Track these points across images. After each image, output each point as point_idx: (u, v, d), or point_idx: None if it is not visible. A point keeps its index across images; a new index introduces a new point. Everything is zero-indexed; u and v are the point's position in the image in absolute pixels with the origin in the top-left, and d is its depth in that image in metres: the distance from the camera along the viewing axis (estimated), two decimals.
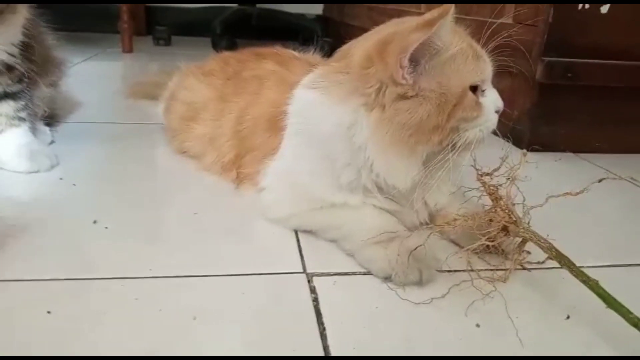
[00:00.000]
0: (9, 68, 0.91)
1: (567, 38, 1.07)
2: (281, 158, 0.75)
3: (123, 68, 2.13)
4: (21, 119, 0.94)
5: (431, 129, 0.61)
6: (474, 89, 0.64)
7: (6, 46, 0.89)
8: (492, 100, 0.67)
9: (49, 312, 0.53)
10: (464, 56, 0.64)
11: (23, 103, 0.95)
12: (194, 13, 2.65)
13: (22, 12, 0.90)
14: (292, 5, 2.63)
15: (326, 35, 2.34)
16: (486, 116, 0.65)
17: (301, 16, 2.58)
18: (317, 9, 2.88)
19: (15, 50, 0.91)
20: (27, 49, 0.94)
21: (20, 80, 0.94)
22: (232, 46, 2.22)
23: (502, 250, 0.64)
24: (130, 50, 2.29)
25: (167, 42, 2.55)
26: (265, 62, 0.91)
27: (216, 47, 2.26)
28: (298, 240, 0.71)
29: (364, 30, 0.76)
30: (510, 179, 0.61)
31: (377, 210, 0.69)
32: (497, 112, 0.67)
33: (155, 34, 2.55)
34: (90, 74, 1.81)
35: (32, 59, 0.97)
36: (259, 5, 2.56)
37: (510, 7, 1.19)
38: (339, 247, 0.69)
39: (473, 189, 0.66)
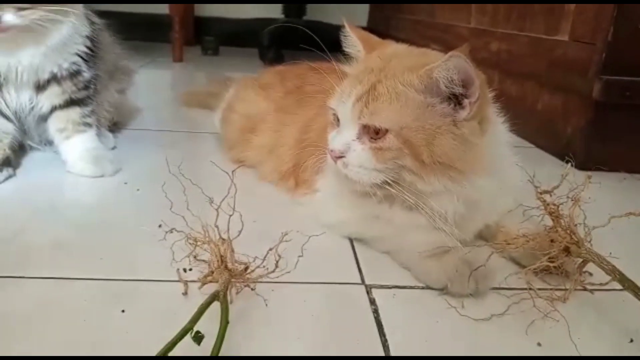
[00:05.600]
0: (73, 75, 0.96)
1: (626, 57, 1.06)
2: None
3: (174, 77, 2.21)
4: (87, 125, 0.99)
5: None
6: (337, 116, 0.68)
7: (67, 55, 0.94)
8: (331, 136, 0.68)
9: (123, 310, 0.56)
10: (347, 79, 0.69)
11: (89, 109, 1.00)
12: (241, 24, 2.72)
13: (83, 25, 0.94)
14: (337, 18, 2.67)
15: None
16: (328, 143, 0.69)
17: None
18: (361, 21, 2.91)
19: (79, 59, 0.96)
20: (94, 57, 1.00)
21: (86, 87, 0.99)
22: (278, 57, 2.27)
23: (564, 270, 0.63)
24: (180, 60, 2.37)
25: (215, 52, 2.62)
26: (328, 76, 0.93)
27: (263, 58, 2.31)
28: (354, 251, 0.73)
29: (410, 43, 0.79)
30: (574, 200, 0.60)
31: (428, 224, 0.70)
32: (329, 150, 0.67)
33: (204, 44, 2.63)
34: (144, 82, 1.88)
35: (99, 67, 1.02)
36: (305, 18, 2.61)
37: (566, 24, 1.18)
38: (394, 259, 0.70)
39: (533, 207, 0.65)
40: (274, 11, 2.68)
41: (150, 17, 2.76)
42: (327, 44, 0.84)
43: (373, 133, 0.63)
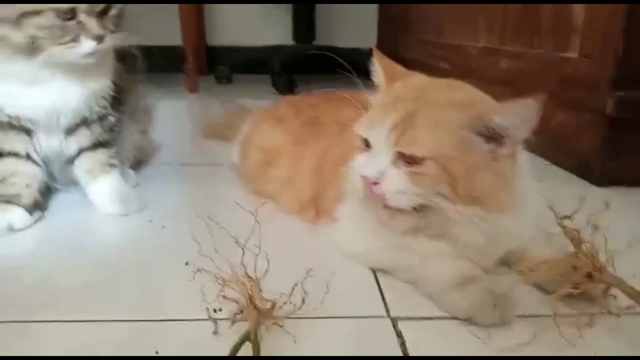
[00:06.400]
0: (101, 118, 0.99)
1: (638, 71, 1.06)
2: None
3: (190, 108, 2.25)
4: (112, 165, 1.02)
5: None
6: (365, 141, 0.69)
7: (97, 99, 0.97)
8: (361, 161, 0.68)
9: (157, 352, 0.58)
10: (376, 107, 0.71)
11: (114, 150, 1.03)
12: (253, 52, 2.77)
13: (110, 63, 0.98)
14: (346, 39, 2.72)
15: None
16: (355, 168, 0.69)
17: (356, 50, 2.64)
18: (370, 43, 2.94)
19: (106, 103, 1.00)
20: (117, 100, 1.03)
21: (111, 130, 1.02)
22: (290, 83, 2.31)
23: (589, 294, 0.64)
24: (195, 91, 2.41)
25: (229, 81, 2.67)
26: (344, 108, 0.96)
27: (276, 84, 2.35)
28: (377, 281, 0.74)
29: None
30: (594, 227, 0.61)
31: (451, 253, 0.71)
32: (361, 178, 0.67)
33: (217, 73, 2.67)
34: (161, 115, 1.91)
35: (122, 110, 1.06)
36: (315, 42, 2.65)
37: (575, 41, 1.19)
38: (417, 289, 0.71)
39: (554, 233, 0.66)
40: (285, 37, 2.74)
41: (164, 49, 2.83)
42: (337, 67, 0.86)
43: (409, 159, 0.64)
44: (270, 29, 2.88)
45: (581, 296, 0.64)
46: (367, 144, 0.69)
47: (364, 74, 0.79)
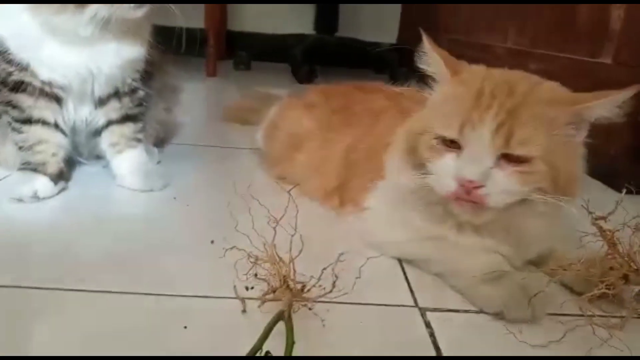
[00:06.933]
0: (132, 91, 0.99)
1: None
2: (387, 182, 0.77)
3: (208, 91, 2.24)
4: (138, 140, 1.02)
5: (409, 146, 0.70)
6: (449, 141, 0.64)
7: (131, 70, 0.97)
8: (453, 164, 0.63)
9: (185, 327, 0.58)
10: (451, 105, 0.66)
11: (141, 125, 1.03)
12: (273, 39, 2.76)
13: (146, 35, 0.97)
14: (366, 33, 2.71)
15: (401, 65, 2.38)
16: (438, 171, 0.65)
17: (376, 45, 2.63)
18: (391, 38, 2.93)
19: (138, 76, 0.99)
20: (147, 75, 1.03)
21: (139, 104, 1.02)
22: (311, 74, 2.29)
23: (619, 297, 0.63)
24: (214, 74, 2.40)
25: (247, 67, 2.66)
26: (376, 97, 0.95)
27: (296, 74, 2.34)
28: (404, 272, 0.74)
29: None
30: (634, 228, 0.60)
31: (481, 247, 0.70)
32: (457, 181, 0.62)
33: (236, 59, 2.66)
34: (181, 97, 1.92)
35: (151, 85, 1.05)
36: (337, 34, 2.64)
37: (610, 47, 1.18)
38: (445, 282, 0.71)
39: (589, 234, 0.66)
40: (305, 27, 2.72)
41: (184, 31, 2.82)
42: (358, 59, 0.85)
43: (515, 158, 0.62)
44: (292, 17, 2.86)
45: (611, 299, 0.64)
46: (452, 144, 0.64)
47: (383, 67, 0.78)
